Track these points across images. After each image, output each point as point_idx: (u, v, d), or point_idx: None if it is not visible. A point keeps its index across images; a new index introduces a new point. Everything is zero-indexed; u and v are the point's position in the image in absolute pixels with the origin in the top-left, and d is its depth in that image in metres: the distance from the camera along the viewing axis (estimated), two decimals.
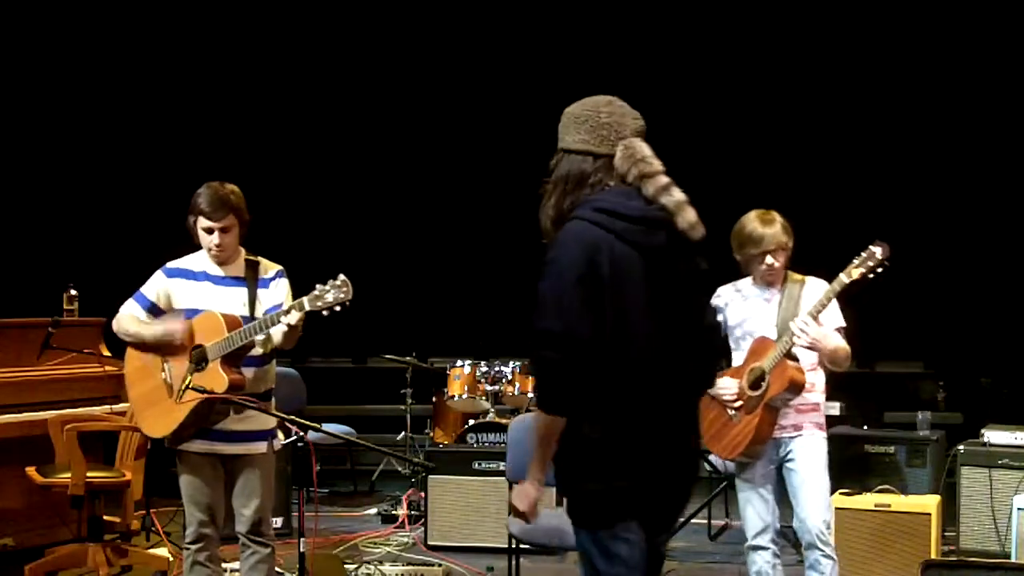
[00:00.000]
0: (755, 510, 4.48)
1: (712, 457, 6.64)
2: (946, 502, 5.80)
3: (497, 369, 7.44)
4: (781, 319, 4.39)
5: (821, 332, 4.30)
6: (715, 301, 4.53)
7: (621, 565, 2.91)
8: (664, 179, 2.97)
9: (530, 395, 7.26)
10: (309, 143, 9.13)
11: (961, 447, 6.05)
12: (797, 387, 4.32)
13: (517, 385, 7.37)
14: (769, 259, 4.38)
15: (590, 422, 2.90)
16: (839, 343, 4.37)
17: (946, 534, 5.90)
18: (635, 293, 2.90)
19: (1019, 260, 8.24)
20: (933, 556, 5.19)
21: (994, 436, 6.02)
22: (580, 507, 2.96)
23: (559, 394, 2.90)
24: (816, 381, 4.48)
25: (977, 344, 8.50)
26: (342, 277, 3.97)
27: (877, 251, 4.22)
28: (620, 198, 2.95)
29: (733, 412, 4.42)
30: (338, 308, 3.97)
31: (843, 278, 4.26)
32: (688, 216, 2.96)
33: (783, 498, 4.55)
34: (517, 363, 7.43)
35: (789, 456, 4.45)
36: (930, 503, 5.39)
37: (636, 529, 2.93)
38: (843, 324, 4.44)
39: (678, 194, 2.97)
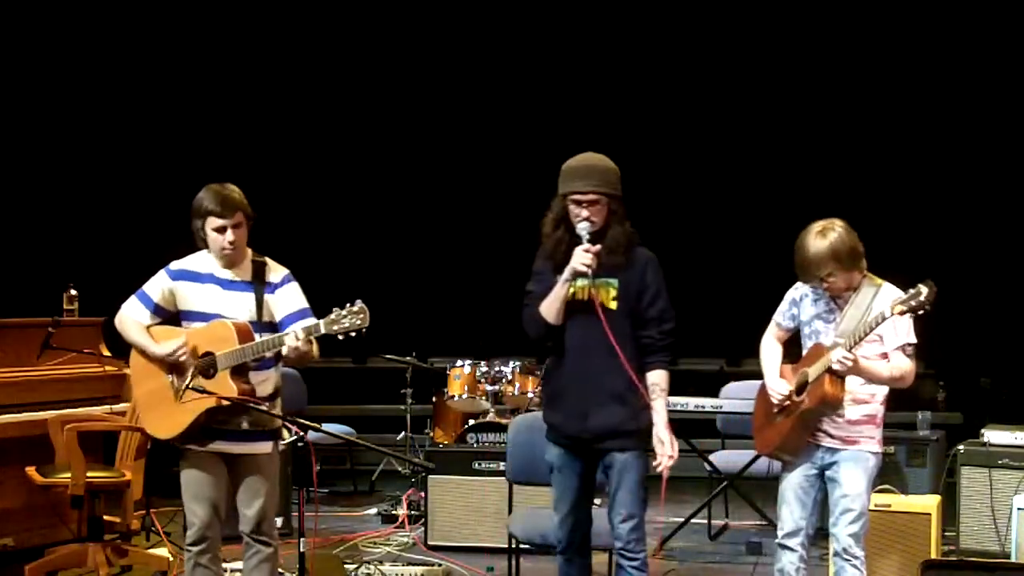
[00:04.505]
0: (789, 510, 4.39)
1: (713, 456, 6.64)
2: (946, 502, 5.79)
3: (497, 369, 7.42)
4: (843, 327, 4.23)
5: (855, 361, 4.12)
6: (792, 294, 4.46)
7: (553, 467, 4.35)
8: None
9: (530, 395, 7.27)
10: (310, 144, 9.14)
11: (961, 447, 6.05)
12: (832, 404, 4.20)
13: (517, 385, 7.37)
14: (827, 283, 4.24)
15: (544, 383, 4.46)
16: (882, 370, 4.22)
17: (946, 534, 5.89)
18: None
19: (1018, 260, 8.23)
20: (933, 556, 5.18)
21: (994, 436, 6.02)
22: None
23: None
24: (876, 392, 4.35)
25: (977, 344, 8.49)
26: (360, 303, 3.96)
27: (924, 292, 4.03)
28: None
29: (775, 412, 4.39)
30: (353, 334, 3.96)
31: (885, 312, 4.06)
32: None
33: (825, 500, 4.44)
34: (517, 363, 7.42)
35: (834, 466, 4.33)
36: (930, 503, 5.38)
37: (561, 452, 4.32)
38: (908, 341, 4.25)
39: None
